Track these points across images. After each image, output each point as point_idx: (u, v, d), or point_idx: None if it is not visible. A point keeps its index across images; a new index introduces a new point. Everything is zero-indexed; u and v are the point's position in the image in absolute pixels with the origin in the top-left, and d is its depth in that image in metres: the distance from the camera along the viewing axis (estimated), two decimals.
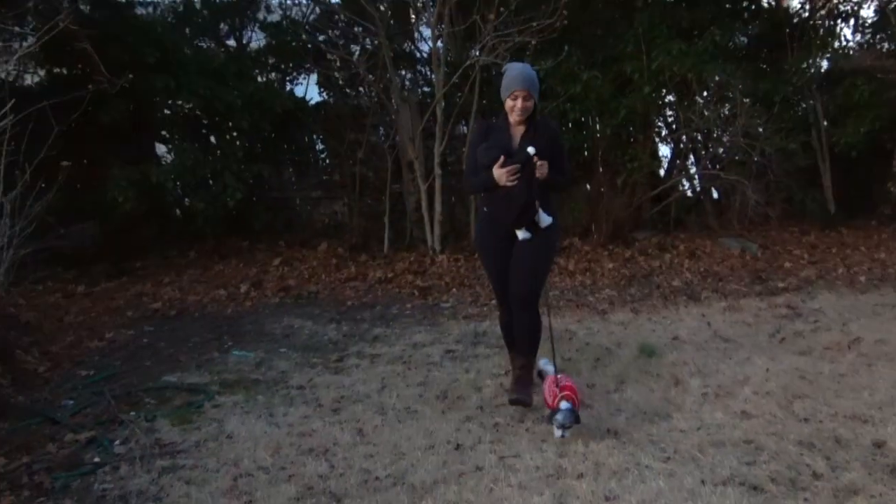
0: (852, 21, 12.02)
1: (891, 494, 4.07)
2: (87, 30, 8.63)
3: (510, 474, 4.39)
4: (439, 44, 10.26)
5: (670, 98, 11.27)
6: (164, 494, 4.30)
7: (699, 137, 11.76)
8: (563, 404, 4.54)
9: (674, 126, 11.81)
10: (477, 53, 9.74)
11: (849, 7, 11.90)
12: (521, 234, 5.01)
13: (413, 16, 11.14)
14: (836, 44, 11.91)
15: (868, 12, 11.92)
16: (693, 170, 12.15)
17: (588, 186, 11.32)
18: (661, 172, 11.89)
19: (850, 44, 12.20)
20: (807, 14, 11.91)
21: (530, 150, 4.79)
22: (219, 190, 9.95)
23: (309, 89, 11.89)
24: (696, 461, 4.52)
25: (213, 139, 10.84)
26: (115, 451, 4.90)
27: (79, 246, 10.39)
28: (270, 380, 6.22)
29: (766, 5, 11.96)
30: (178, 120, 10.68)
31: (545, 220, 5.01)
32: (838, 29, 11.95)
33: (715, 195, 12.01)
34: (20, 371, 6.28)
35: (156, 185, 9.80)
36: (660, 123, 11.85)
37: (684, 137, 11.81)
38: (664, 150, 12.06)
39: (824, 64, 11.73)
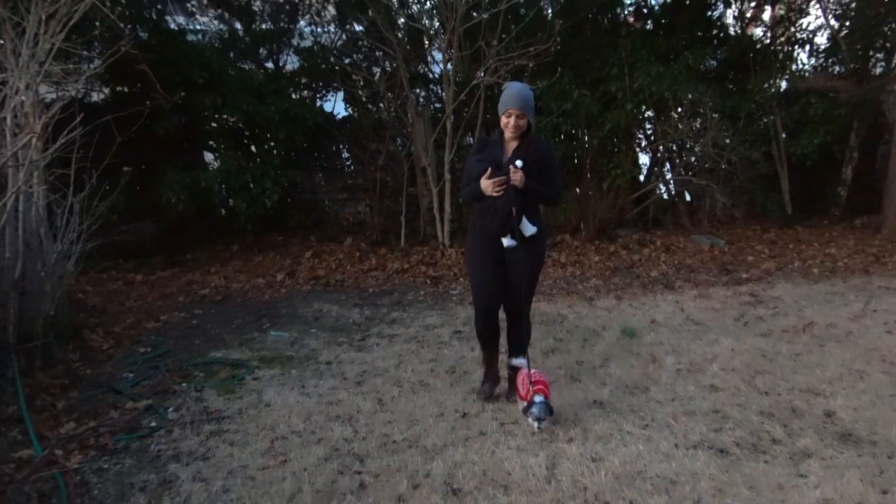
0: (808, 47, 12.03)
1: (839, 458, 4.07)
2: (145, 54, 8.66)
3: (509, 438, 4.40)
4: (449, 66, 10.24)
5: (649, 113, 11.26)
6: (211, 454, 4.32)
7: (674, 148, 11.75)
8: (537, 398, 4.24)
9: (652, 138, 11.79)
10: (482, 74, 9.74)
11: (805, 35, 11.89)
12: (507, 242, 4.60)
13: (426, 42, 11.14)
14: (794, 67, 11.91)
15: (821, 39, 11.93)
16: (669, 176, 12.14)
17: (577, 190, 11.31)
18: (641, 178, 11.86)
19: (806, 67, 12.22)
20: (768, 41, 11.90)
21: (518, 163, 4.47)
22: (258, 192, 9.98)
23: (336, 105, 11.90)
24: (670, 428, 4.52)
25: (253, 148, 10.85)
26: (168, 417, 4.92)
27: (138, 240, 10.42)
28: (303, 356, 6.24)
29: (732, 33, 11.94)
30: (223, 132, 10.69)
31: (529, 229, 4.59)
32: (795, 54, 11.97)
33: (688, 198, 12.00)
34: (88, 348, 6.31)
35: (204, 188, 9.83)
36: (640, 136, 11.85)
37: (661, 148, 11.79)
38: (643, 159, 12.06)
39: (783, 84, 11.72)
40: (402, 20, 10.69)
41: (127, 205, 9.20)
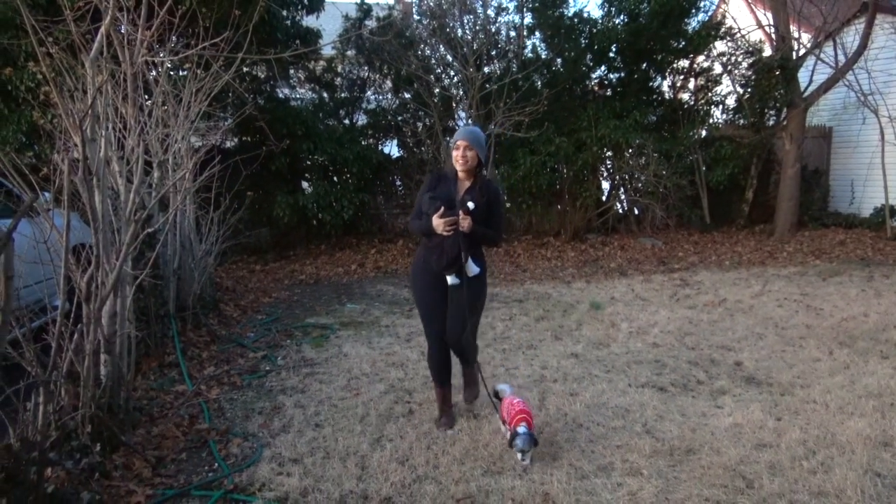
0: (721, 107, 11.84)
1: (745, 395, 4.01)
2: (262, 115, 8.71)
3: (512, 379, 4.37)
4: (469, 121, 10.20)
5: (609, 154, 11.11)
6: (306, 389, 4.34)
7: (626, 177, 11.61)
8: (521, 429, 3.13)
9: (611, 170, 11.67)
10: (493, 127, 9.69)
11: (718, 98, 11.71)
12: (451, 280, 3.50)
13: (454, 105, 11.08)
14: (710, 121, 11.72)
15: (731, 101, 11.72)
16: (622, 196, 11.98)
17: (559, 206, 11.22)
18: (604, 198, 11.70)
19: (719, 120, 11.99)
20: (692, 102, 11.72)
21: (469, 204, 3.38)
22: (339, 209, 10.00)
23: (392, 149, 11.88)
24: (625, 372, 4.47)
25: (335, 179, 10.86)
26: (278, 364, 4.95)
27: (257, 242, 10.50)
28: (369, 321, 6.24)
29: (667, 97, 11.76)
30: (315, 167, 10.71)
31: (473, 269, 3.49)
32: (712, 111, 11.75)
33: (636, 212, 11.83)
34: (223, 316, 6.36)
35: (302, 206, 9.87)
36: (602, 169, 11.67)
37: (617, 177, 11.68)
38: (605, 185, 11.89)
39: (703, 133, 11.52)
40: (437, 90, 10.65)
41: (250, 218, 9.28)
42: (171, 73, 5.60)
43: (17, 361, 2.84)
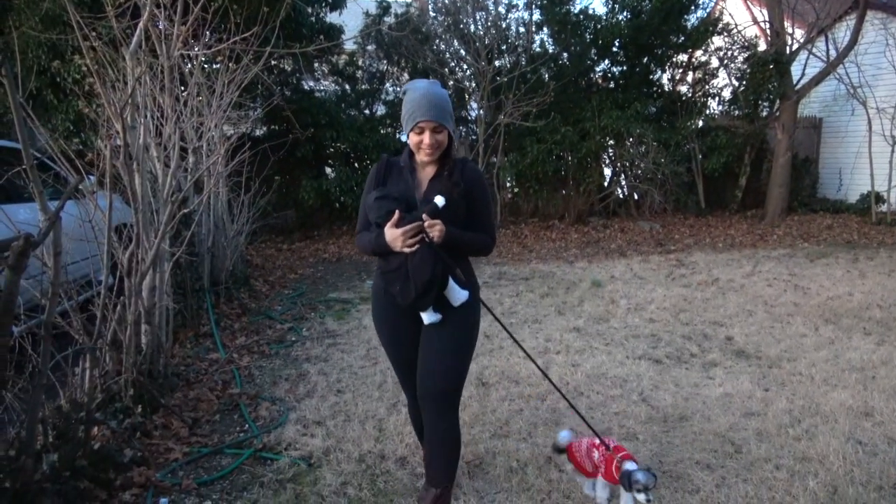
0: (717, 98, 11.60)
1: (736, 367, 3.97)
2: (289, 105, 8.68)
3: (518, 351, 4.35)
4: (481, 111, 10.09)
5: (611, 142, 10.96)
6: (329, 358, 4.36)
7: (627, 164, 11.45)
8: (629, 464, 2.23)
9: (613, 158, 11.52)
10: (502, 117, 9.59)
11: (715, 90, 11.49)
12: (428, 318, 2.18)
13: (467, 96, 10.95)
14: (707, 111, 11.51)
15: (726, 93, 11.49)
16: (623, 182, 11.84)
17: (564, 191, 11.12)
18: (605, 184, 11.57)
19: (715, 111, 11.78)
20: (690, 94, 11.51)
21: (439, 200, 2.05)
22: (360, 193, 9.97)
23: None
24: (623, 345, 4.44)
25: (356, 165, 10.83)
26: (303, 335, 4.97)
27: (284, 223, 10.52)
28: None
29: (666, 89, 11.55)
30: (337, 154, 10.67)
31: (459, 295, 2.17)
32: (709, 103, 11.54)
33: (636, 197, 11.69)
34: (253, 290, 6.40)
35: (325, 190, 9.86)
36: (605, 156, 11.52)
37: (618, 164, 11.53)
38: (607, 171, 11.75)
39: (700, 123, 11.30)
40: (451, 83, 10.53)
41: (277, 201, 9.29)
42: (205, 65, 5.57)
43: (66, 330, 2.87)
